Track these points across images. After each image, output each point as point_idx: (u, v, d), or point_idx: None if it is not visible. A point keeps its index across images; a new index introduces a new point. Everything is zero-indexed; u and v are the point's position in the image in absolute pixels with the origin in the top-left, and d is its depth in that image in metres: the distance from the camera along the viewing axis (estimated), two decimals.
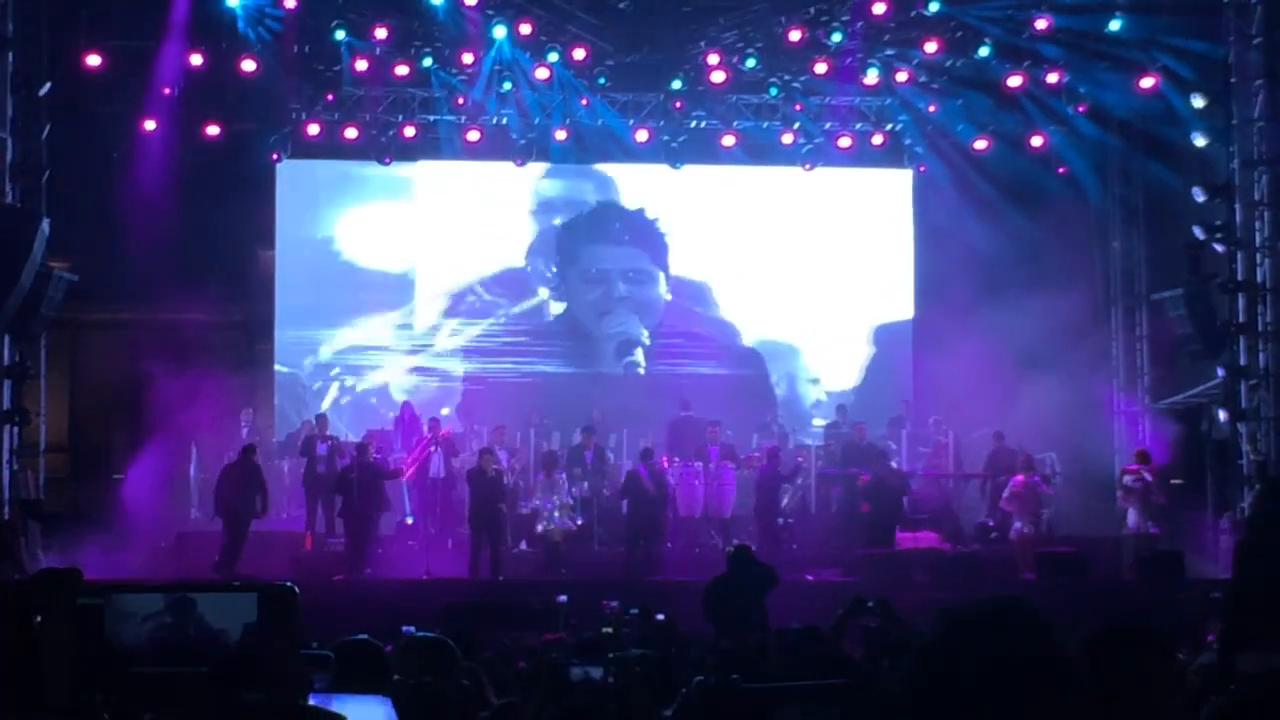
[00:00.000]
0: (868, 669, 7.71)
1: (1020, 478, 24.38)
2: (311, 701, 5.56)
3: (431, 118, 28.49)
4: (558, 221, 30.37)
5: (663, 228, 30.51)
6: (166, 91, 26.60)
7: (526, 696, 7.66)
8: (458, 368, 29.74)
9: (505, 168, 28.99)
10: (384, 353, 29.56)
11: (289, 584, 6.63)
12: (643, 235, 30.51)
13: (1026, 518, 24.12)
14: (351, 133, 28.17)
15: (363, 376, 29.38)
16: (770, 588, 17.32)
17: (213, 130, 27.10)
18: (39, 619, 5.18)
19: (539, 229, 30.31)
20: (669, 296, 30.51)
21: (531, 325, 30.10)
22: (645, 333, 30.28)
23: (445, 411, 27.62)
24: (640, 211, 30.55)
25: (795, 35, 26.90)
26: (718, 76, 27.48)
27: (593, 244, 30.58)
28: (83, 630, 5.62)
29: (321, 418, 25.71)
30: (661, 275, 30.53)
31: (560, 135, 28.52)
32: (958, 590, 21.07)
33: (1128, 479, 24.40)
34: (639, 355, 30.17)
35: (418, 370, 29.58)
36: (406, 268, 29.84)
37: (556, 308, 30.34)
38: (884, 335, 30.60)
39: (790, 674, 8.01)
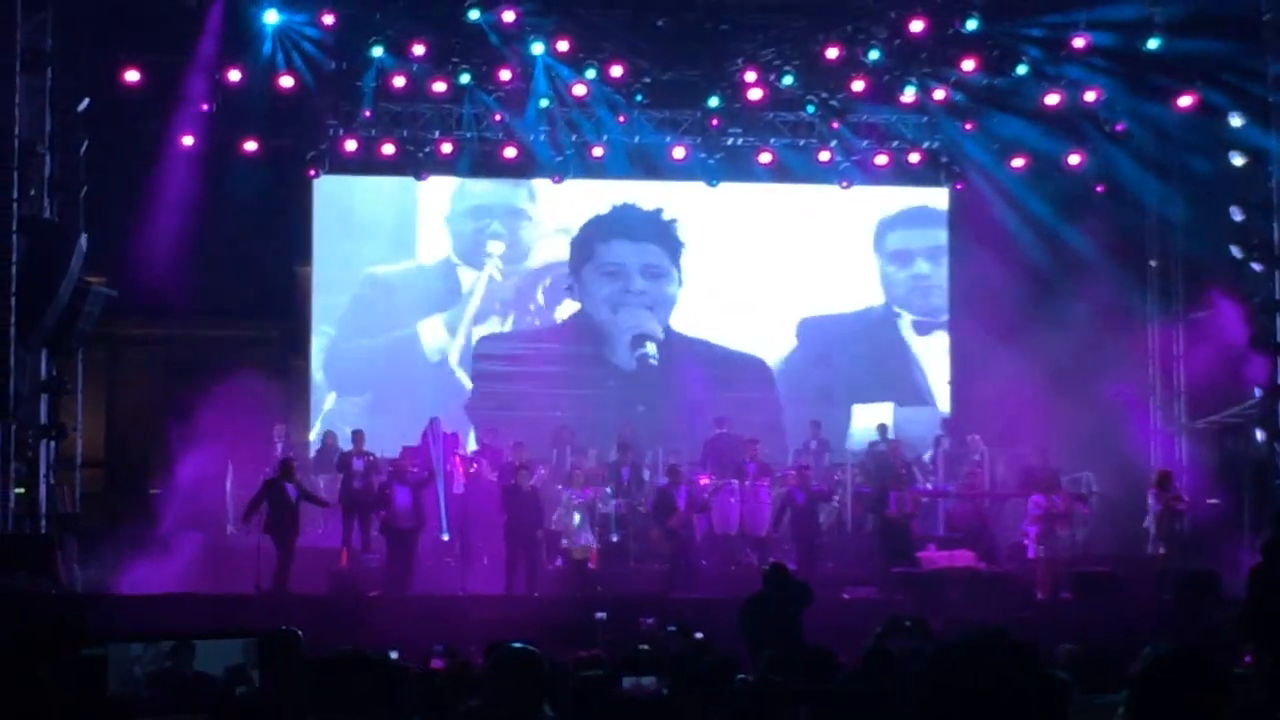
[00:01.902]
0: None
1: (1038, 498, 24.13)
2: None
3: (468, 134, 28.54)
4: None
5: (679, 229, 30.43)
6: (204, 107, 26.75)
7: (577, 712, 7.60)
8: (484, 382, 29.65)
9: (542, 184, 29.14)
10: (417, 367, 29.58)
11: (292, 629, 6.63)
12: (658, 233, 30.42)
13: (1044, 538, 23.86)
14: (389, 149, 28.25)
15: (395, 389, 29.35)
16: (805, 606, 17.25)
17: (250, 146, 27.24)
18: (42, 669, 5.18)
19: (563, 239, 30.35)
20: (682, 290, 30.39)
21: (555, 335, 30.07)
22: (659, 327, 30.22)
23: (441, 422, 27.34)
24: (656, 212, 30.43)
25: (833, 53, 26.87)
26: (755, 94, 27.50)
27: (608, 241, 30.47)
28: (84, 680, 5.64)
29: (358, 433, 25.56)
30: (675, 272, 30.45)
31: (597, 152, 28.57)
32: (993, 610, 21.01)
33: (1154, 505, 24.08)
34: (651, 348, 30.06)
35: (448, 383, 29.55)
36: (443, 283, 29.85)
37: (566, 311, 30.29)
38: (920, 354, 30.51)
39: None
